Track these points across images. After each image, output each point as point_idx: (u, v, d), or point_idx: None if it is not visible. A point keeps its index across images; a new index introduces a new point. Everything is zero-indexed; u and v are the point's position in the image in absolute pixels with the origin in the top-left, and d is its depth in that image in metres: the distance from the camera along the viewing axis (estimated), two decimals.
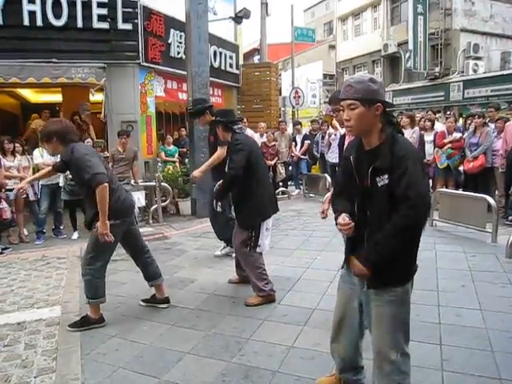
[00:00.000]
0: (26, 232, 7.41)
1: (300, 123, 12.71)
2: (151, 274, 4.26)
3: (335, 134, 10.42)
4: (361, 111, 2.16)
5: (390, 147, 2.15)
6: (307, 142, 11.42)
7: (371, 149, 2.24)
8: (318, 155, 11.15)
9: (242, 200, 4.24)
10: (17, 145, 7.43)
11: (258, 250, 4.22)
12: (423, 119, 9.94)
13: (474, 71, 19.93)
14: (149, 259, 4.27)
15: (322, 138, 10.99)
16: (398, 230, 2.09)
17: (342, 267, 2.52)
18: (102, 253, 3.82)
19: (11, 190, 7.02)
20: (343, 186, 2.46)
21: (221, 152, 5.31)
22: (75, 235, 7.50)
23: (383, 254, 2.15)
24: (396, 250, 2.15)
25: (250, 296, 4.28)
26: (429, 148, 8.90)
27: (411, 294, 2.35)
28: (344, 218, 2.27)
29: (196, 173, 5.61)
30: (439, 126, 9.62)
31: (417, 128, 9.06)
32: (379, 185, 2.15)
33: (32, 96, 12.49)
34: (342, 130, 5.05)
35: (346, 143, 3.31)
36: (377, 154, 2.18)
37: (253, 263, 4.24)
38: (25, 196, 7.22)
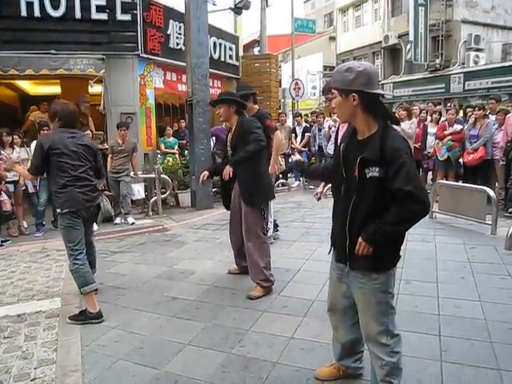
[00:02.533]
0: (25, 224, 7.41)
1: (300, 115, 12.67)
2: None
3: (335, 126, 10.42)
4: (338, 100, 2.25)
5: (380, 139, 2.15)
6: (307, 134, 11.40)
7: (363, 139, 2.26)
8: (316, 148, 11.12)
9: (253, 179, 4.17)
10: (15, 137, 7.39)
11: (267, 234, 4.27)
12: (424, 111, 9.93)
13: (475, 63, 19.84)
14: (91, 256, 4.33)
15: (319, 130, 10.98)
16: (405, 220, 2.12)
17: (329, 253, 2.58)
18: (71, 242, 3.88)
19: (11, 183, 7.03)
20: (332, 171, 2.54)
21: (280, 137, 5.50)
22: None
23: (387, 237, 2.17)
24: (397, 236, 2.21)
25: (251, 288, 4.28)
26: (431, 140, 8.90)
27: (394, 282, 2.36)
28: None
29: (271, 168, 5.32)
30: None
31: (414, 119, 9.08)
32: (368, 176, 2.16)
33: (31, 88, 12.44)
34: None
35: (341, 134, 3.34)
36: (366, 144, 2.19)
37: (265, 251, 4.28)
38: (24, 188, 7.23)
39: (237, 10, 12.99)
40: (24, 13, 8.60)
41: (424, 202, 2.08)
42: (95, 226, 7.42)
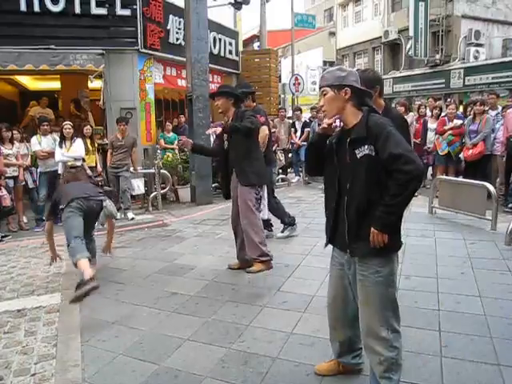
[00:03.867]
0: (25, 219, 7.41)
1: (300, 109, 12.63)
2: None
3: (334, 122, 10.39)
4: (330, 95, 2.40)
5: (365, 120, 2.32)
6: (307, 129, 11.37)
7: (350, 128, 2.39)
8: None
9: (248, 160, 4.37)
10: (15, 132, 7.39)
11: (260, 214, 4.43)
12: (422, 106, 9.92)
13: (475, 58, 19.79)
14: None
15: (319, 125, 10.93)
16: (401, 186, 2.16)
17: (325, 246, 2.61)
18: (68, 232, 4.18)
19: (11, 178, 7.02)
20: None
21: (266, 131, 5.65)
22: None
23: (396, 213, 2.24)
24: (403, 207, 2.24)
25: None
26: (431, 136, 8.90)
27: (399, 277, 2.35)
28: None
29: None
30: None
31: (411, 114, 9.18)
32: (358, 156, 2.29)
33: (30, 83, 12.41)
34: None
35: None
36: (355, 129, 2.34)
37: (259, 225, 4.39)
38: (24, 183, 7.23)
39: (237, 4, 12.95)
40: (23, 8, 8.59)
41: (415, 161, 2.15)
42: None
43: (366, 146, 2.25)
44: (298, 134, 11.51)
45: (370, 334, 2.37)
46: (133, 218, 7.70)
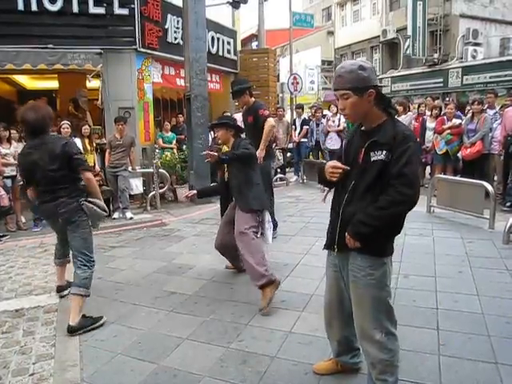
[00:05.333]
0: (23, 219, 7.39)
1: (302, 107, 12.64)
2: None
3: (333, 121, 10.43)
4: (354, 100, 2.21)
5: (393, 127, 2.21)
6: (306, 127, 11.39)
7: (370, 128, 2.28)
8: (313, 143, 11.12)
9: (248, 186, 4.18)
10: (13, 132, 7.38)
11: (263, 239, 4.19)
12: (422, 105, 9.93)
13: (473, 57, 19.81)
14: None
15: (317, 125, 10.97)
16: (391, 203, 2.13)
17: (324, 249, 2.57)
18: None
19: (9, 178, 7.01)
20: None
21: (271, 122, 5.64)
22: None
23: (374, 226, 2.17)
24: (384, 224, 2.18)
25: (248, 283, 4.24)
26: (429, 135, 8.91)
27: (391, 278, 2.36)
28: (335, 162, 2.35)
29: (260, 153, 5.46)
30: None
31: (410, 113, 9.22)
32: (372, 159, 2.20)
33: (28, 83, 12.39)
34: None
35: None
36: (377, 131, 2.24)
37: (255, 247, 4.00)
38: (22, 183, 7.21)
39: (235, 4, 12.92)
40: (21, 7, 8.58)
41: (414, 187, 2.13)
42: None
43: (384, 152, 2.16)
44: (297, 131, 11.53)
45: (364, 337, 2.36)
46: (131, 218, 7.70)
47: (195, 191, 4.61)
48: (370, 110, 2.25)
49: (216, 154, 4.24)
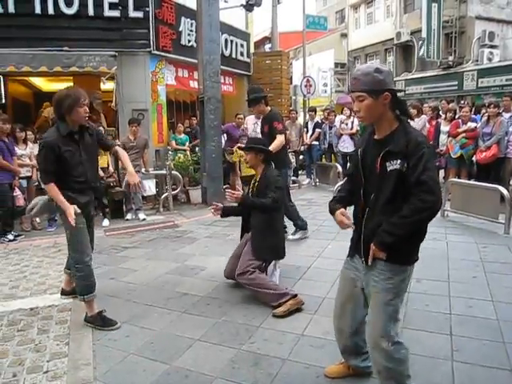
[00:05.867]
0: (37, 219, 7.46)
1: (315, 110, 12.64)
2: None
3: (347, 124, 10.40)
4: (369, 102, 2.22)
5: (404, 135, 2.19)
6: (318, 130, 11.38)
7: (382, 137, 2.28)
8: (326, 146, 11.10)
9: (267, 232, 4.05)
10: (29, 133, 7.48)
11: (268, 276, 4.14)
12: (433, 108, 9.88)
13: (489, 60, 19.59)
14: None
15: (330, 128, 10.95)
16: (414, 211, 2.12)
17: (348, 256, 2.57)
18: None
19: (24, 178, 7.10)
20: (350, 177, 2.59)
21: (281, 139, 5.59)
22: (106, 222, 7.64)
23: (398, 235, 2.17)
24: (409, 232, 2.18)
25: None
26: (443, 138, 8.84)
27: (410, 285, 2.35)
28: (345, 214, 2.43)
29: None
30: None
31: (424, 116, 9.14)
32: (388, 169, 2.20)
33: (44, 85, 12.53)
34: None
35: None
36: (390, 140, 2.23)
37: (260, 279, 3.95)
38: (36, 184, 7.30)
39: (248, 6, 12.94)
40: (38, 10, 8.72)
41: (436, 193, 2.11)
42: (106, 222, 7.53)
43: (399, 161, 2.16)
44: (309, 134, 11.53)
45: (371, 340, 2.36)
46: (144, 219, 7.75)
47: (222, 206, 4.46)
48: (384, 114, 2.25)
49: (240, 193, 4.14)
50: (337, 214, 2.45)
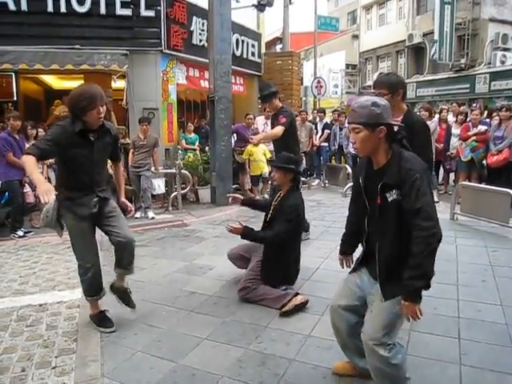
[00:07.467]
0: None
1: (324, 111, 12.61)
2: None
3: None
4: (364, 134, 2.27)
5: (397, 164, 2.24)
6: (327, 131, 11.36)
7: (379, 168, 2.33)
8: (336, 147, 11.08)
9: (277, 258, 4.00)
10: (40, 130, 7.54)
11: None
12: (444, 110, 9.80)
13: (502, 63, 19.43)
14: None
15: (340, 129, 10.93)
16: (422, 243, 2.11)
17: (351, 272, 2.63)
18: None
19: None
20: (354, 203, 2.67)
21: (279, 130, 5.55)
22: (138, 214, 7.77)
23: (422, 277, 2.16)
24: (429, 264, 2.16)
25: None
26: (454, 141, 8.79)
27: None
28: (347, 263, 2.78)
29: (257, 136, 5.72)
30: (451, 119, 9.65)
31: (435, 118, 9.09)
32: (389, 200, 2.24)
33: (55, 82, 12.62)
34: None
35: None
36: (385, 171, 2.28)
37: (261, 290, 3.98)
38: (47, 180, 7.35)
39: (260, 7, 12.96)
40: (50, 8, 8.78)
41: (433, 218, 2.12)
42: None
43: (395, 191, 2.21)
44: (319, 135, 11.51)
45: (368, 346, 2.33)
46: (153, 218, 7.79)
47: (241, 197, 4.42)
48: (379, 146, 2.29)
49: (240, 227, 4.02)
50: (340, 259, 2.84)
